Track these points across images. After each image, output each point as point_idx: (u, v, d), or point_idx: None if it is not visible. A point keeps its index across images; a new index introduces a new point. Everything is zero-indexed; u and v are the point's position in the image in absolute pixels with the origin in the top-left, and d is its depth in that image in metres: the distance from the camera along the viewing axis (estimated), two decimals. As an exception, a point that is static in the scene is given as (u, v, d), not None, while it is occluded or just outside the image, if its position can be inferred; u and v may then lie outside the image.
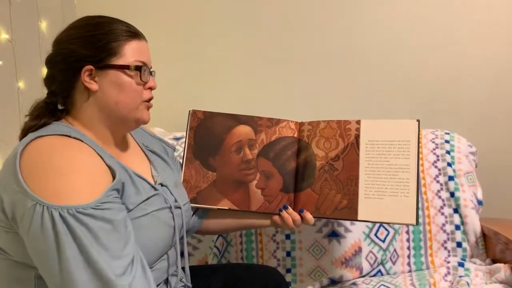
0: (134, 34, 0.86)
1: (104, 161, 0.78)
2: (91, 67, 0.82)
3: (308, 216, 1.06)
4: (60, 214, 0.67)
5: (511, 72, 1.63)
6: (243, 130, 1.14)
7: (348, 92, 1.71)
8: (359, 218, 1.04)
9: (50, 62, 0.85)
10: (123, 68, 0.84)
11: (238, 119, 1.15)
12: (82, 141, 0.78)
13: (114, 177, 0.77)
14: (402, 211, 1.01)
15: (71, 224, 0.67)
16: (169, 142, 1.13)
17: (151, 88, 0.90)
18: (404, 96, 1.68)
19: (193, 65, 1.75)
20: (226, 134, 1.14)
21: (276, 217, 1.09)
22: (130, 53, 0.85)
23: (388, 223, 1.37)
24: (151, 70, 0.90)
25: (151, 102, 0.91)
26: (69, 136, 0.78)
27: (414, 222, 1.00)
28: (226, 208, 1.10)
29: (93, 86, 0.83)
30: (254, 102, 1.72)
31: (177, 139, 1.52)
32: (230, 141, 1.14)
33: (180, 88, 1.76)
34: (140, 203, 0.83)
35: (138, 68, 0.85)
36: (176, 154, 1.21)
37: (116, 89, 0.84)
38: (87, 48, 0.82)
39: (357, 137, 1.09)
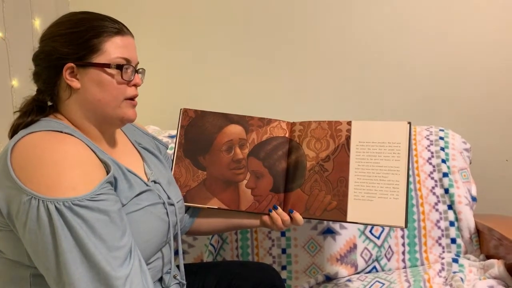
0: (118, 30, 0.85)
1: (97, 156, 0.78)
2: (72, 64, 0.81)
3: (298, 216, 1.06)
4: (56, 207, 0.68)
5: (505, 70, 1.63)
6: (234, 130, 1.14)
7: (341, 90, 1.71)
8: (348, 220, 1.04)
9: (35, 59, 0.85)
10: (104, 66, 0.82)
11: (229, 119, 1.15)
12: (73, 136, 0.78)
13: (107, 171, 0.77)
14: (391, 213, 1.01)
15: (67, 216, 0.68)
16: (162, 140, 1.13)
17: (135, 85, 0.88)
18: (399, 93, 1.68)
19: (187, 64, 1.74)
20: (217, 133, 1.14)
21: (266, 217, 1.09)
22: (112, 49, 0.83)
23: (377, 225, 1.37)
24: (137, 67, 0.89)
25: (136, 100, 0.89)
26: (61, 132, 0.78)
27: (403, 225, 1.00)
28: (216, 207, 1.10)
29: (75, 83, 0.82)
30: (247, 101, 1.72)
31: (172, 137, 1.52)
32: (220, 140, 1.13)
33: (174, 87, 1.76)
34: (133, 198, 0.83)
35: (119, 67, 0.84)
36: (170, 152, 1.20)
37: (98, 87, 0.83)
38: (68, 46, 0.81)
39: (348, 138, 1.08)
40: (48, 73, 0.83)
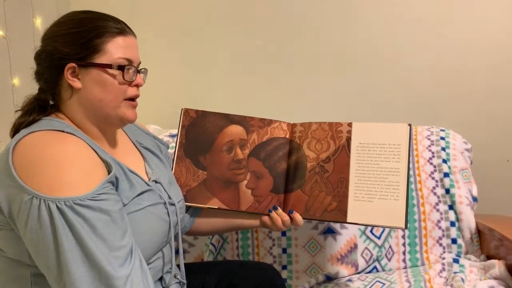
0: (120, 30, 0.84)
1: (98, 155, 0.78)
2: (73, 65, 0.81)
3: (298, 217, 1.06)
4: (57, 207, 0.68)
5: (506, 70, 1.63)
6: (235, 130, 1.14)
7: (342, 91, 1.70)
8: (348, 221, 1.04)
9: (37, 58, 0.85)
10: (106, 67, 0.82)
11: (230, 119, 1.15)
12: (75, 135, 0.78)
13: (109, 170, 0.77)
14: (391, 214, 1.01)
15: (69, 216, 0.68)
16: (163, 140, 1.13)
17: (137, 86, 0.88)
18: (400, 93, 1.68)
19: (188, 63, 1.74)
20: (217, 133, 1.14)
21: (266, 218, 1.08)
22: (114, 50, 0.83)
23: (377, 226, 1.37)
24: (139, 68, 0.89)
25: (136, 101, 0.89)
26: (62, 131, 0.78)
27: (403, 226, 1.00)
28: (216, 207, 1.10)
29: (76, 84, 0.82)
30: (248, 101, 1.72)
31: (173, 136, 1.52)
32: (221, 140, 1.13)
33: (174, 86, 1.76)
34: (134, 197, 0.83)
35: (121, 68, 0.83)
36: (171, 151, 1.21)
37: (99, 87, 0.83)
38: (70, 46, 0.81)
39: (349, 139, 1.09)
40: (50, 72, 0.83)
